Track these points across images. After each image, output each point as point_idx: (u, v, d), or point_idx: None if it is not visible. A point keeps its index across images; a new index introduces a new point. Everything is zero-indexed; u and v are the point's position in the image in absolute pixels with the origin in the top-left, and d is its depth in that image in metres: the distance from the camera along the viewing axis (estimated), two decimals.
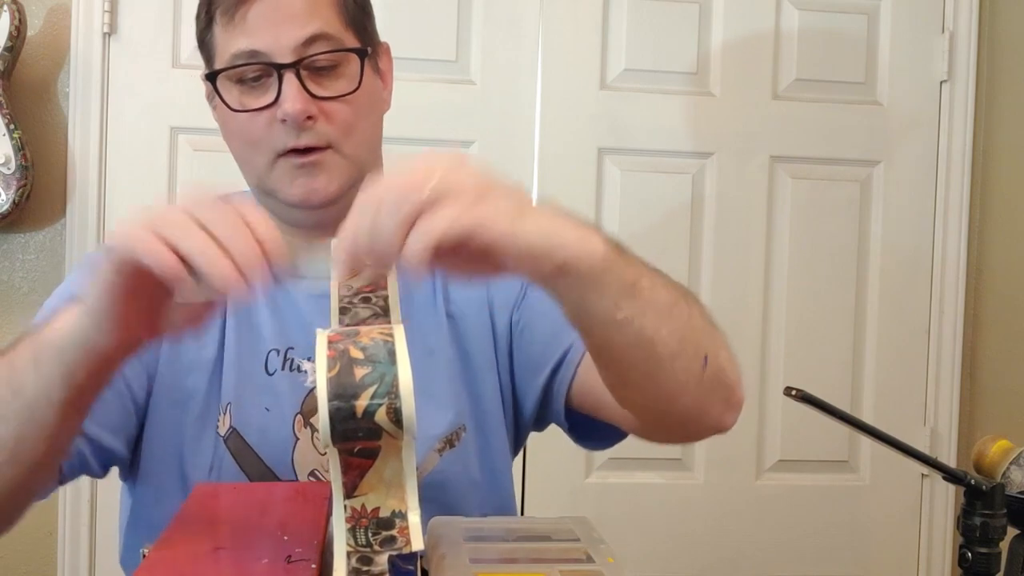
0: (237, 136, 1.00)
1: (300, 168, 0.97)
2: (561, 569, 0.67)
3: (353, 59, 0.98)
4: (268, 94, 0.96)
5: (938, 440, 2.09)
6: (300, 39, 0.95)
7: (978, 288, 2.12)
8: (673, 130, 2.01)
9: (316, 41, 0.95)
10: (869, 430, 0.91)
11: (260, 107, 0.96)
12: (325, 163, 0.97)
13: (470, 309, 1.06)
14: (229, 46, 0.96)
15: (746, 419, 2.03)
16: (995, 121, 2.11)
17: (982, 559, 0.90)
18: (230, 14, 0.95)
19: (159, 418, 0.99)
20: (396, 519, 0.55)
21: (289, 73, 0.94)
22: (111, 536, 1.87)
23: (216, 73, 0.97)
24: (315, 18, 0.95)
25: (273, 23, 0.94)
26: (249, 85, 0.97)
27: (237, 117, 0.98)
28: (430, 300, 1.06)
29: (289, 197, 0.98)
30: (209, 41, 0.99)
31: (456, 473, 1.02)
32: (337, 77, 0.97)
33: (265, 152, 0.98)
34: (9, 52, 1.76)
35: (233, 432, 0.98)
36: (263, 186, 1.01)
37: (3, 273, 1.88)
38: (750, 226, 2.04)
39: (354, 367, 0.54)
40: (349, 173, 0.98)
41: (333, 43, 0.96)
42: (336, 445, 0.54)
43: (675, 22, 2.01)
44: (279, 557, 0.64)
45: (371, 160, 1.03)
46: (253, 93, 0.97)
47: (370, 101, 1.01)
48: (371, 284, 0.66)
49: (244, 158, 1.02)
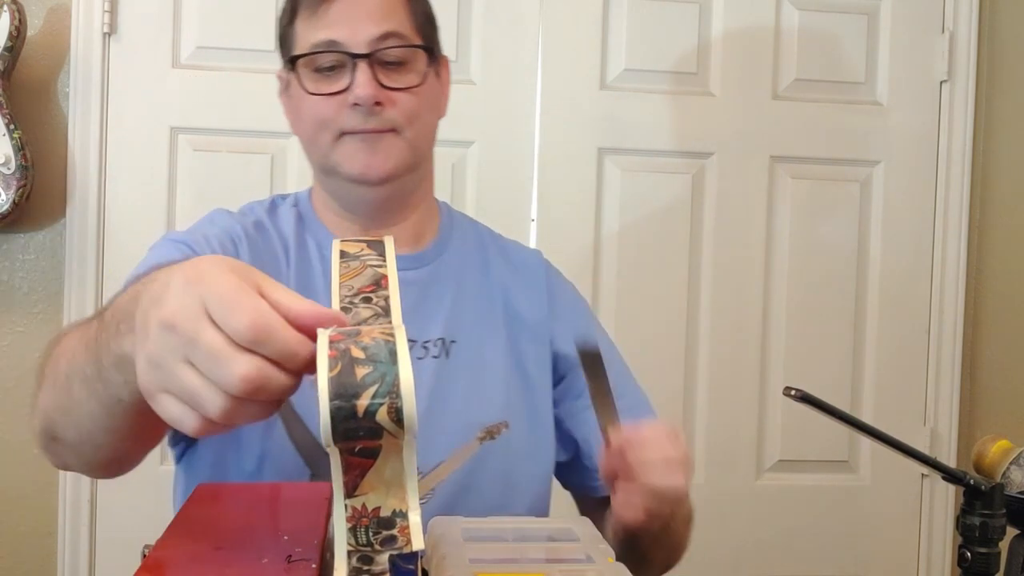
0: (308, 117, 1.08)
1: (362, 142, 1.06)
2: (561, 569, 0.68)
3: (420, 57, 1.08)
4: (341, 81, 1.05)
5: (938, 440, 2.09)
6: (375, 34, 1.05)
7: (978, 288, 2.12)
8: (673, 130, 2.01)
9: (389, 38, 1.05)
10: (869, 430, 0.91)
11: (334, 91, 1.05)
12: (386, 141, 1.06)
13: (530, 324, 1.16)
14: (310, 37, 1.06)
15: (746, 419, 2.05)
16: (995, 121, 2.11)
17: (981, 559, 0.90)
18: (313, 8, 1.06)
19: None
20: (397, 518, 0.55)
21: (363, 62, 1.04)
22: (111, 536, 1.87)
23: (296, 58, 1.07)
24: (390, 18, 1.06)
25: (352, 18, 1.05)
26: (324, 73, 1.06)
27: (310, 99, 1.06)
28: (488, 304, 1.15)
29: (349, 171, 1.06)
30: (290, 35, 1.09)
31: (491, 465, 1.08)
32: (405, 72, 1.07)
33: (332, 131, 1.06)
34: (9, 52, 1.76)
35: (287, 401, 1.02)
36: (326, 164, 1.09)
37: (3, 273, 1.88)
38: (750, 226, 2.04)
39: (355, 367, 0.54)
40: (406, 156, 1.07)
41: (404, 41, 1.06)
42: (337, 444, 0.54)
43: (675, 22, 2.01)
44: (279, 557, 0.64)
45: (426, 156, 1.14)
46: (328, 80, 1.06)
47: (432, 99, 1.11)
48: (372, 284, 0.66)
49: (311, 138, 1.09)
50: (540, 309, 1.16)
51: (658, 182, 2.01)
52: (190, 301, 0.58)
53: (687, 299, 2.02)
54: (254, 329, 0.56)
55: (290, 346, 0.57)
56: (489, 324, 1.14)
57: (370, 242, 0.72)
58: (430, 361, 1.08)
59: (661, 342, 1.99)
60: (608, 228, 1.99)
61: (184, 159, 1.90)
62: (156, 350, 0.59)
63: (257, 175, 1.89)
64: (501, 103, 1.96)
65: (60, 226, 1.88)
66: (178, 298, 0.59)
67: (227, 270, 0.60)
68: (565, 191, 1.97)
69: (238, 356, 0.56)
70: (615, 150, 2.00)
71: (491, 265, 1.18)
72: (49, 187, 1.86)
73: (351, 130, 1.05)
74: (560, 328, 1.17)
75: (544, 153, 1.97)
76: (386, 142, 1.06)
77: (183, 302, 0.58)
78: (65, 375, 0.76)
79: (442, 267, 1.14)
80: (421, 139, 1.09)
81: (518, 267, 1.20)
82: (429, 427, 1.04)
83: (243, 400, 0.57)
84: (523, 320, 1.15)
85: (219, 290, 0.58)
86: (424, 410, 1.04)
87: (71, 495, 1.87)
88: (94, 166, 1.87)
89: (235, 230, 1.09)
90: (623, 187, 2.00)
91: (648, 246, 2.00)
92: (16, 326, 1.88)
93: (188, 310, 0.58)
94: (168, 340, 0.58)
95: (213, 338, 0.57)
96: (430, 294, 1.12)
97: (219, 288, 0.58)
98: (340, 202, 1.11)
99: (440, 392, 1.07)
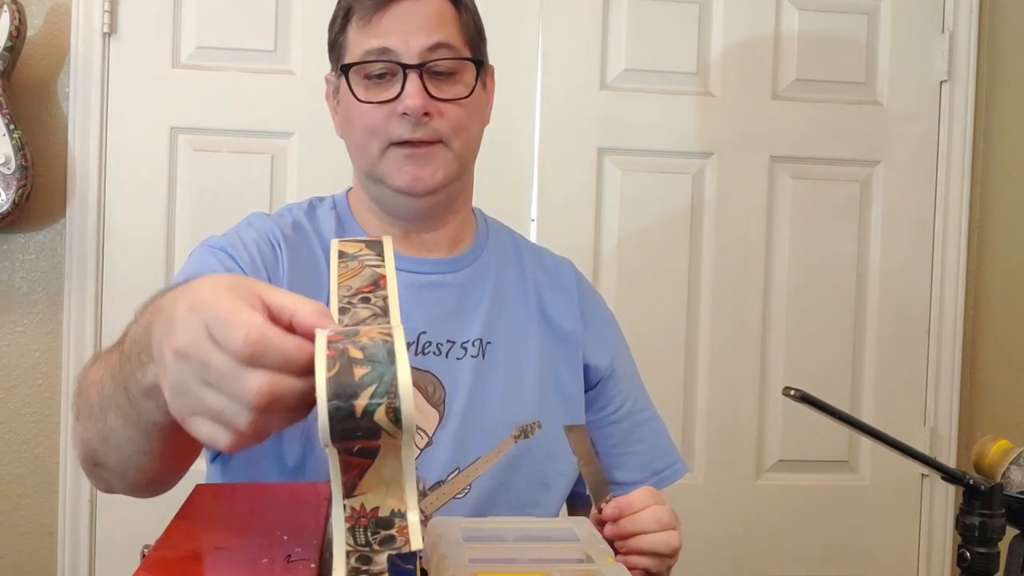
0: (357, 124, 1.10)
1: (409, 156, 1.07)
2: (561, 569, 0.68)
3: (469, 69, 1.10)
4: (392, 90, 1.07)
5: (938, 440, 2.09)
6: (426, 45, 1.06)
7: (978, 288, 2.12)
8: (673, 130, 2.01)
9: (439, 49, 1.07)
10: (869, 430, 0.91)
11: (384, 100, 1.07)
12: (433, 155, 1.08)
13: (564, 329, 1.18)
14: (362, 44, 1.08)
15: (746, 419, 2.05)
16: (995, 121, 2.11)
17: (981, 559, 0.90)
18: (367, 18, 1.08)
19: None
20: (395, 518, 0.55)
21: (413, 73, 1.06)
22: (111, 536, 1.87)
23: (350, 66, 1.09)
24: (441, 30, 1.08)
25: (404, 29, 1.06)
26: (375, 81, 1.08)
27: (360, 107, 1.08)
28: (524, 307, 1.18)
29: (397, 182, 1.08)
30: (341, 43, 1.11)
31: (525, 464, 1.12)
32: (454, 83, 1.09)
33: (380, 140, 1.08)
34: (9, 52, 1.76)
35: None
36: (373, 173, 1.10)
37: (3, 273, 1.88)
38: (750, 226, 2.04)
39: (353, 367, 0.54)
40: (453, 168, 1.10)
41: (454, 53, 1.08)
42: (335, 444, 0.54)
43: (675, 22, 2.01)
44: (279, 557, 0.64)
45: (470, 165, 1.16)
46: (378, 88, 1.08)
47: (478, 109, 1.13)
48: (371, 284, 0.66)
49: (359, 145, 1.11)
50: (573, 317, 1.19)
51: (658, 182, 2.01)
52: (195, 327, 0.60)
53: (687, 299, 2.01)
54: (248, 345, 0.57)
55: (288, 353, 0.58)
56: (524, 327, 1.16)
57: (368, 242, 0.72)
58: (468, 361, 1.11)
59: (661, 342, 1.99)
60: (608, 228, 1.99)
61: (184, 159, 1.90)
62: (176, 379, 0.61)
63: (257, 175, 1.89)
64: (501, 103, 1.95)
65: (60, 226, 1.88)
66: (184, 326, 0.61)
67: (224, 291, 0.61)
68: (565, 191, 1.97)
69: (247, 372, 0.58)
70: (615, 150, 2.00)
71: (526, 270, 1.20)
72: (49, 187, 1.86)
73: (399, 140, 1.07)
74: (592, 339, 1.20)
75: (544, 153, 1.97)
76: (433, 155, 1.08)
77: (189, 329, 0.60)
78: (99, 406, 0.78)
79: (479, 270, 1.17)
80: (467, 150, 1.12)
81: (551, 273, 1.23)
82: (467, 425, 1.09)
83: (266, 411, 0.58)
84: (556, 325, 1.18)
85: (216, 312, 0.59)
86: (463, 409, 1.09)
87: (71, 495, 1.87)
88: (94, 166, 1.87)
89: (274, 232, 1.10)
90: (623, 187, 2.00)
91: (648, 246, 1.99)
92: (16, 326, 1.88)
93: (194, 336, 0.60)
94: (184, 368, 0.61)
95: (222, 360, 0.59)
96: (468, 296, 1.14)
97: (216, 311, 0.60)
98: (383, 207, 1.13)
99: (478, 392, 1.10)
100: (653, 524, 0.95)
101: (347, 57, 1.10)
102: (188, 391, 0.61)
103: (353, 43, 1.09)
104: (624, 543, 0.95)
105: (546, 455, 1.13)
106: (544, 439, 1.13)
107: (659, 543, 0.95)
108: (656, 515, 0.96)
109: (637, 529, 0.95)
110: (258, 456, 1.04)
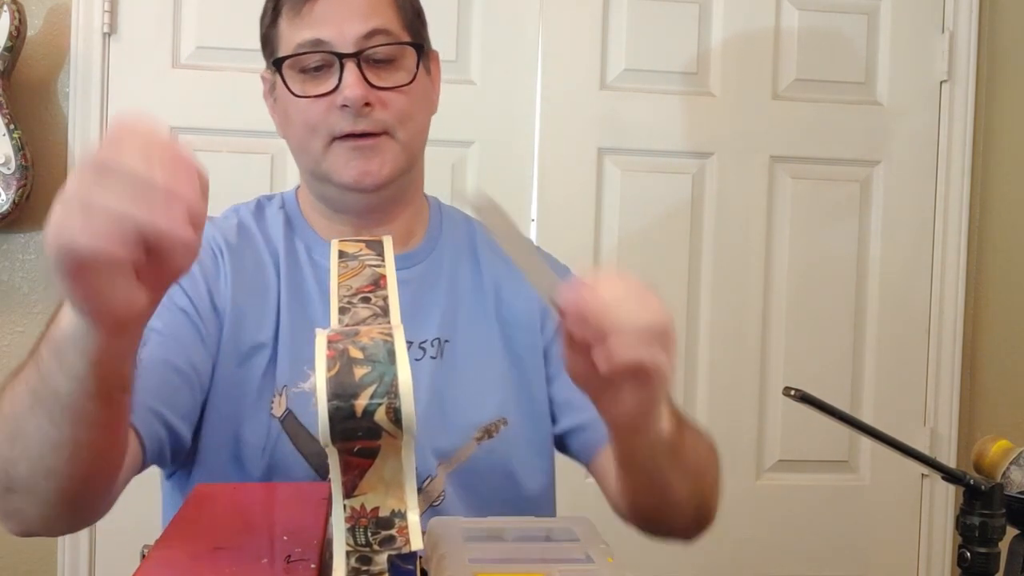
0: (297, 121, 1.05)
1: (355, 150, 1.03)
2: (561, 569, 0.68)
3: (409, 55, 1.05)
4: (329, 82, 1.02)
5: (938, 440, 2.09)
6: (362, 32, 1.02)
7: (978, 288, 2.12)
8: (673, 130, 2.01)
9: (376, 35, 1.02)
10: (869, 430, 0.91)
11: (321, 93, 1.02)
12: (380, 147, 1.03)
13: (523, 316, 1.13)
14: (295, 37, 1.03)
15: (746, 419, 2.05)
16: (995, 121, 2.11)
17: (981, 559, 0.90)
18: (297, 8, 1.02)
19: (218, 401, 1.02)
20: (395, 519, 0.55)
21: (350, 62, 1.01)
22: (111, 536, 1.87)
23: (282, 60, 1.04)
24: (376, 15, 1.03)
25: (337, 17, 1.02)
26: (311, 74, 1.03)
27: (298, 103, 1.03)
28: (480, 300, 1.12)
29: (343, 179, 1.04)
30: (273, 36, 1.06)
31: (491, 463, 1.07)
32: (394, 70, 1.04)
33: (322, 136, 1.03)
34: (9, 52, 1.76)
35: (289, 415, 1.02)
36: (318, 171, 1.06)
37: (3, 273, 1.88)
38: (750, 226, 2.04)
39: (353, 367, 0.54)
40: (401, 160, 1.05)
41: (392, 38, 1.03)
42: (336, 445, 0.54)
43: (675, 22, 2.01)
44: (279, 557, 0.64)
45: (419, 155, 1.10)
46: (314, 81, 1.03)
47: (423, 96, 1.08)
48: (371, 284, 0.66)
49: (301, 143, 1.06)
50: (532, 299, 1.12)
51: (658, 182, 2.01)
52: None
53: (687, 299, 2.01)
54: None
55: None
56: (482, 321, 1.12)
57: (369, 242, 0.72)
58: (428, 362, 1.07)
59: None
60: (608, 228, 1.99)
61: None
62: (70, 193, 0.59)
63: (257, 175, 1.89)
64: (501, 103, 1.96)
65: None
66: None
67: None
68: (565, 191, 1.97)
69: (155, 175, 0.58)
70: (615, 150, 2.00)
71: (482, 259, 1.15)
72: (49, 187, 1.86)
73: (342, 133, 1.02)
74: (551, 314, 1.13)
75: (544, 153, 1.97)
76: (380, 148, 1.03)
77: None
78: (10, 412, 0.75)
79: (433, 265, 1.12)
80: (414, 139, 1.07)
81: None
82: (428, 429, 1.03)
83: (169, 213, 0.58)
84: (516, 312, 1.13)
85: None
86: (423, 412, 1.02)
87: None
88: None
89: (215, 240, 1.06)
90: (623, 187, 1.99)
91: (648, 246, 1.99)
92: (16, 326, 1.88)
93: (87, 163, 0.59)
94: (85, 180, 0.58)
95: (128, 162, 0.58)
96: (423, 294, 1.10)
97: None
98: (330, 205, 1.09)
99: (438, 394, 1.06)
100: (626, 293, 0.72)
101: (280, 51, 1.05)
102: (84, 196, 0.58)
103: (285, 36, 1.04)
104: (597, 332, 0.70)
105: (514, 449, 1.09)
106: (510, 433, 1.08)
107: (641, 311, 0.71)
108: (627, 285, 0.73)
109: (606, 305, 0.71)
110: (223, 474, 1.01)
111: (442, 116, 1.95)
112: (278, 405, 1.02)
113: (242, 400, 1.02)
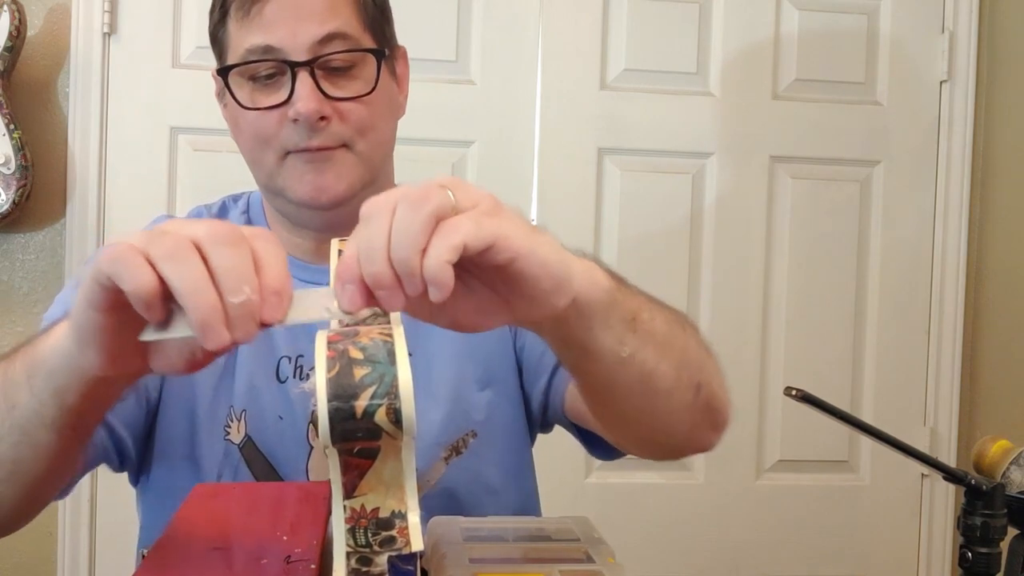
0: (247, 134, 0.97)
1: (309, 164, 0.94)
2: (561, 569, 0.67)
3: (370, 60, 0.95)
4: (281, 92, 0.93)
5: (938, 440, 2.09)
6: (317, 37, 0.92)
7: (978, 288, 2.12)
8: (673, 130, 2.01)
9: (333, 40, 0.93)
10: (869, 430, 0.91)
11: (272, 105, 0.93)
12: (336, 159, 0.94)
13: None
14: (243, 41, 0.93)
15: (746, 419, 2.05)
16: (995, 121, 2.11)
17: (982, 559, 0.90)
18: (245, 8, 0.93)
19: (169, 420, 0.98)
20: (396, 519, 0.55)
21: (303, 72, 0.92)
22: (111, 536, 1.87)
23: (228, 68, 0.95)
24: (333, 17, 0.93)
25: (290, 20, 0.92)
26: (262, 83, 0.94)
27: (248, 115, 0.95)
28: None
29: (297, 195, 0.95)
30: (222, 37, 0.97)
31: (467, 481, 1.00)
32: (353, 78, 0.94)
33: (275, 150, 0.95)
34: (9, 52, 1.76)
35: (248, 441, 0.98)
36: (272, 185, 0.98)
37: (3, 273, 1.88)
38: (750, 226, 2.04)
39: (353, 367, 0.54)
40: (360, 173, 0.95)
41: (350, 43, 0.94)
42: (335, 445, 0.54)
43: (675, 22, 2.01)
44: (279, 557, 0.64)
45: (383, 166, 1.00)
46: (265, 91, 0.94)
47: (386, 104, 0.98)
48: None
49: (253, 157, 0.98)
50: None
51: (658, 182, 2.01)
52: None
53: (687, 299, 2.01)
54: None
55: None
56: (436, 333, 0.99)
57: None
58: None
59: None
60: (608, 228, 1.99)
61: (184, 159, 1.90)
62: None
63: None
64: (501, 103, 1.96)
65: (60, 226, 1.88)
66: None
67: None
68: (565, 191, 1.97)
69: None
70: (615, 150, 2.00)
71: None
72: (49, 187, 1.86)
73: (295, 148, 0.94)
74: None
75: (544, 153, 1.97)
76: (336, 160, 0.94)
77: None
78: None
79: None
80: (376, 151, 0.97)
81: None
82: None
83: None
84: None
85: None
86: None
87: (71, 495, 1.87)
88: (94, 166, 1.87)
89: None
90: (623, 187, 2.00)
91: (648, 246, 1.99)
92: (16, 326, 1.88)
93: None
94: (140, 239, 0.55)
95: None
96: None
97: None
98: (289, 219, 1.01)
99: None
100: (382, 207, 0.58)
101: (228, 56, 0.95)
102: (156, 233, 0.56)
103: (234, 39, 0.94)
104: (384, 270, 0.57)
105: (486, 457, 1.01)
106: (481, 444, 1.01)
107: (414, 207, 0.56)
108: (377, 202, 0.59)
109: (372, 238, 0.57)
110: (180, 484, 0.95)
111: (442, 116, 1.97)
112: (236, 431, 0.97)
113: (194, 420, 0.98)
